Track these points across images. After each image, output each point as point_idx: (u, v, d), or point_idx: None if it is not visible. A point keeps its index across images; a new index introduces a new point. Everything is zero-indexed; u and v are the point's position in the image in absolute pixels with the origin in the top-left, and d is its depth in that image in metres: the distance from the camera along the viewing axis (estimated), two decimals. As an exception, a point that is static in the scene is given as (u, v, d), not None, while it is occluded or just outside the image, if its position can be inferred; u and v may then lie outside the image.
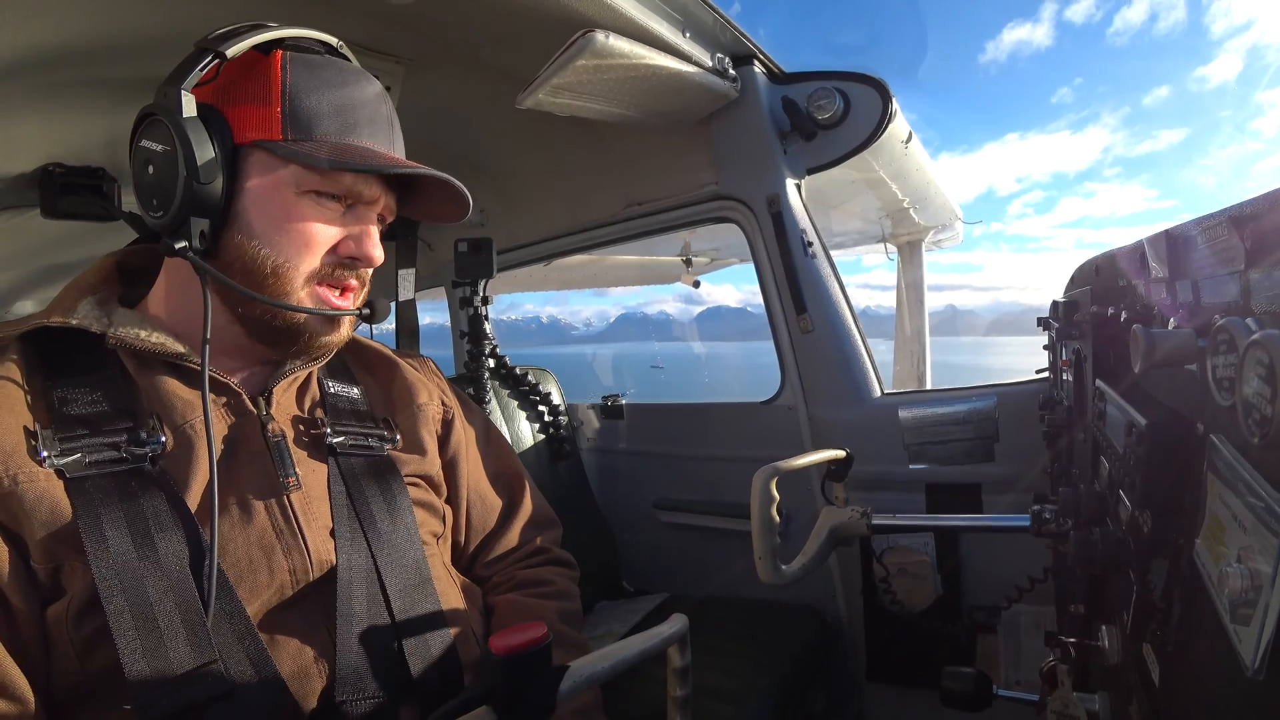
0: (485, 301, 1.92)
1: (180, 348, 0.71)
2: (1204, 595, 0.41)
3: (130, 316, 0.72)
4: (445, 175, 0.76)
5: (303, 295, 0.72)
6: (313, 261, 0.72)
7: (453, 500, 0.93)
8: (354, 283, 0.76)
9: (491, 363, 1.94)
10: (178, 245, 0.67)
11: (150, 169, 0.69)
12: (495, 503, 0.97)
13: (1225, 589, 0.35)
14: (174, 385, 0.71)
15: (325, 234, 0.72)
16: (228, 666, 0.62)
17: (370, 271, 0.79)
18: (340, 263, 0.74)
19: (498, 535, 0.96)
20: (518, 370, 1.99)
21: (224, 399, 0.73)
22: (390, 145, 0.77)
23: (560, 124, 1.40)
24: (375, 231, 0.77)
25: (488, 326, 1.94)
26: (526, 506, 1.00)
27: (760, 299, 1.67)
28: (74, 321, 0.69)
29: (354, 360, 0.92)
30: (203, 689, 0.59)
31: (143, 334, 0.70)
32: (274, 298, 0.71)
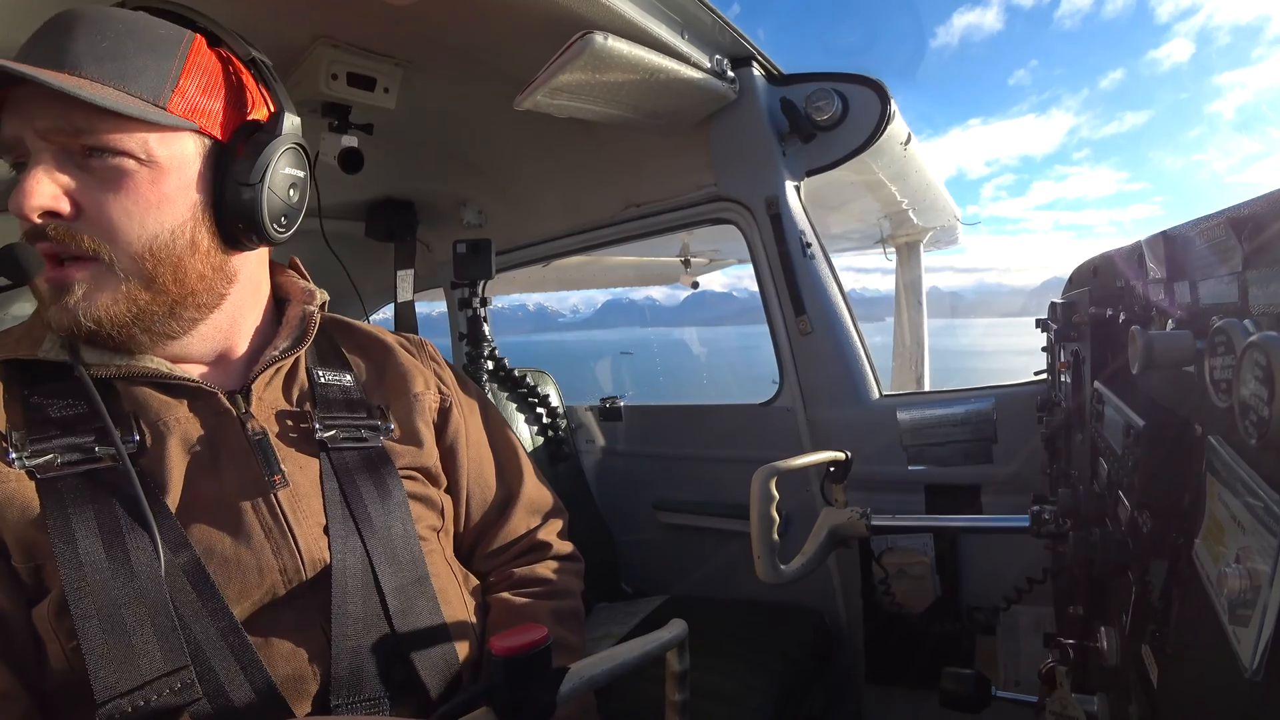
0: (484, 303, 1.93)
1: (147, 364, 0.70)
2: (1203, 596, 0.41)
3: None
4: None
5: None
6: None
7: (453, 490, 0.90)
8: (44, 245, 0.64)
9: (490, 364, 1.94)
10: None
11: None
12: (495, 491, 0.95)
13: (1224, 589, 0.35)
14: (150, 391, 0.70)
15: (10, 206, 0.63)
16: (213, 670, 0.61)
17: (82, 226, 0.64)
18: (28, 230, 0.64)
19: (497, 525, 0.94)
20: (516, 372, 2.00)
21: (196, 400, 0.72)
22: (31, 56, 0.62)
23: (559, 125, 1.40)
24: (30, 174, 0.62)
25: (486, 328, 1.94)
26: (527, 494, 0.97)
27: (745, 284, 1.68)
28: (39, 355, 0.68)
29: (346, 343, 0.90)
30: (173, 695, 0.58)
31: (105, 358, 0.69)
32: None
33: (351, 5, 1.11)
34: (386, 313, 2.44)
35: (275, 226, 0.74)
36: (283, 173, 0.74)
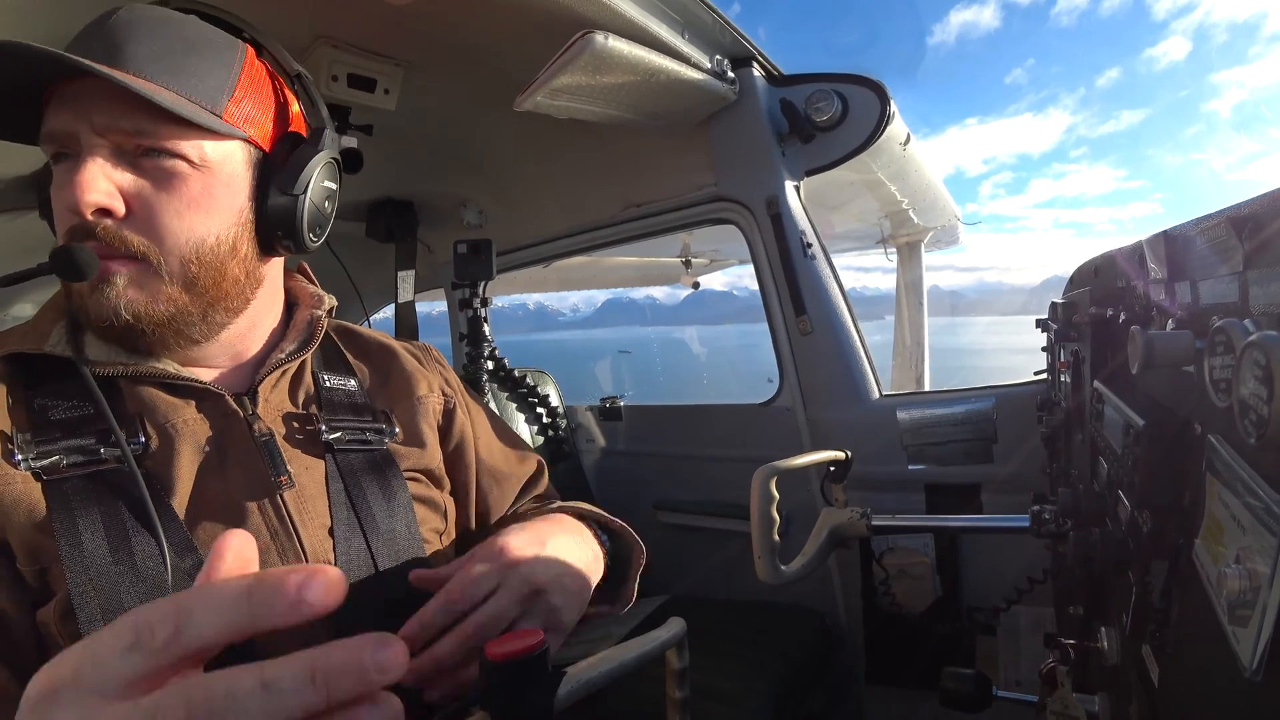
0: (485, 303, 1.93)
1: (151, 364, 0.70)
2: (1203, 596, 0.41)
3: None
4: (71, 57, 0.58)
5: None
6: (61, 237, 0.65)
7: (459, 491, 0.91)
8: (91, 243, 0.63)
9: (490, 365, 1.95)
10: None
11: None
12: (513, 484, 0.96)
13: (1224, 590, 0.35)
14: (156, 392, 0.70)
15: (58, 200, 0.64)
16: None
17: (132, 227, 0.64)
18: (76, 228, 0.64)
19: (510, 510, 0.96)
20: (516, 372, 2.00)
21: (204, 402, 0.72)
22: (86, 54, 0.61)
23: (559, 125, 1.40)
24: (84, 168, 0.62)
25: (487, 329, 1.94)
26: (542, 486, 1.00)
27: (745, 282, 1.68)
28: (45, 350, 0.68)
29: (351, 349, 0.90)
30: None
31: (112, 356, 0.69)
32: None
33: (351, 6, 1.12)
34: (387, 313, 2.45)
35: (311, 236, 0.77)
36: (322, 185, 0.76)
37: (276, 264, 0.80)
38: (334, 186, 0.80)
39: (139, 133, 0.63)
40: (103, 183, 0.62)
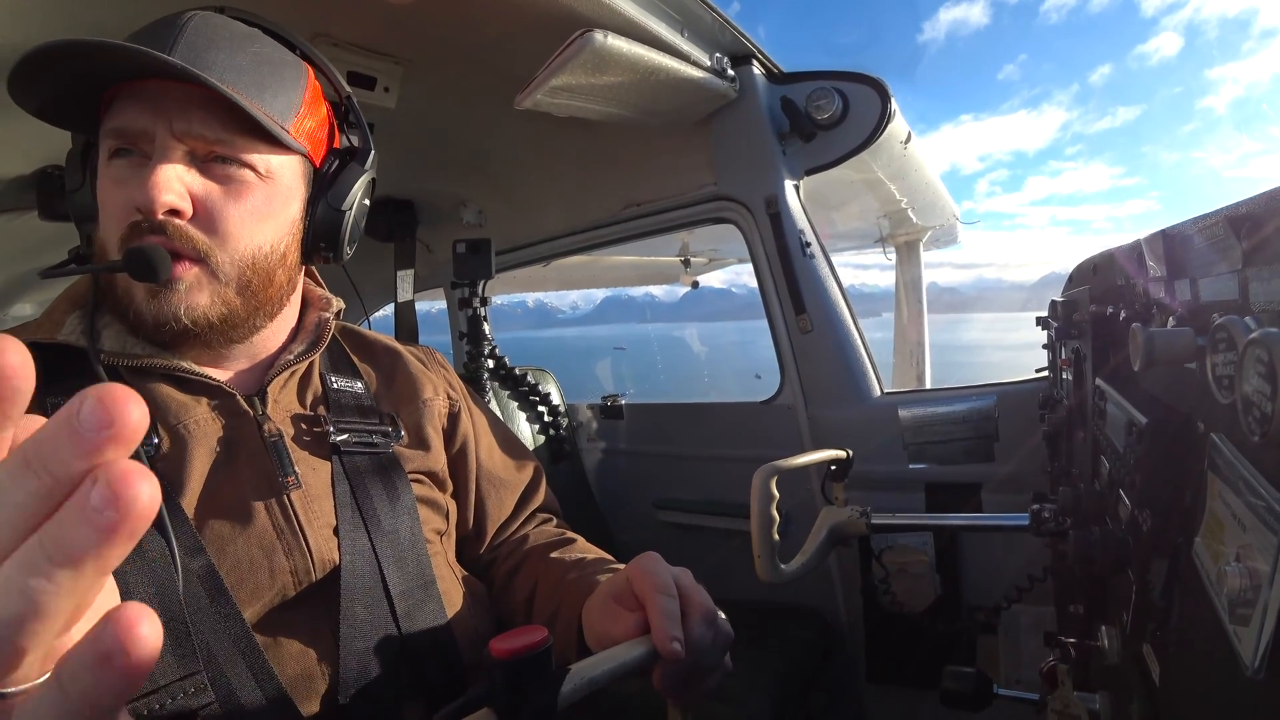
0: (484, 302, 1.93)
1: (169, 358, 0.70)
2: (1204, 595, 0.41)
3: (119, 328, 0.71)
4: (151, 52, 0.59)
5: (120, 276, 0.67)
6: (115, 232, 0.66)
7: (459, 493, 0.91)
8: (159, 239, 0.65)
9: (491, 364, 1.95)
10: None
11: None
12: (511, 491, 0.96)
13: (1224, 588, 0.35)
14: (167, 389, 0.70)
15: (117, 196, 0.65)
16: (224, 673, 0.61)
17: (197, 227, 0.66)
18: (138, 224, 0.65)
19: (511, 522, 0.96)
20: (517, 371, 2.00)
21: (215, 401, 0.72)
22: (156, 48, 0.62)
23: (559, 124, 1.40)
24: (161, 168, 0.63)
25: (487, 327, 1.94)
26: (540, 493, 1.00)
27: (743, 279, 1.68)
28: (59, 339, 0.68)
29: (357, 351, 0.91)
30: (186, 699, 0.58)
31: (128, 347, 0.70)
32: (110, 288, 0.69)
33: (351, 4, 1.11)
34: (386, 312, 2.45)
35: (348, 249, 0.82)
36: (363, 202, 0.81)
37: (302, 270, 0.83)
38: (368, 203, 0.83)
39: (217, 141, 0.66)
40: (177, 184, 0.64)
